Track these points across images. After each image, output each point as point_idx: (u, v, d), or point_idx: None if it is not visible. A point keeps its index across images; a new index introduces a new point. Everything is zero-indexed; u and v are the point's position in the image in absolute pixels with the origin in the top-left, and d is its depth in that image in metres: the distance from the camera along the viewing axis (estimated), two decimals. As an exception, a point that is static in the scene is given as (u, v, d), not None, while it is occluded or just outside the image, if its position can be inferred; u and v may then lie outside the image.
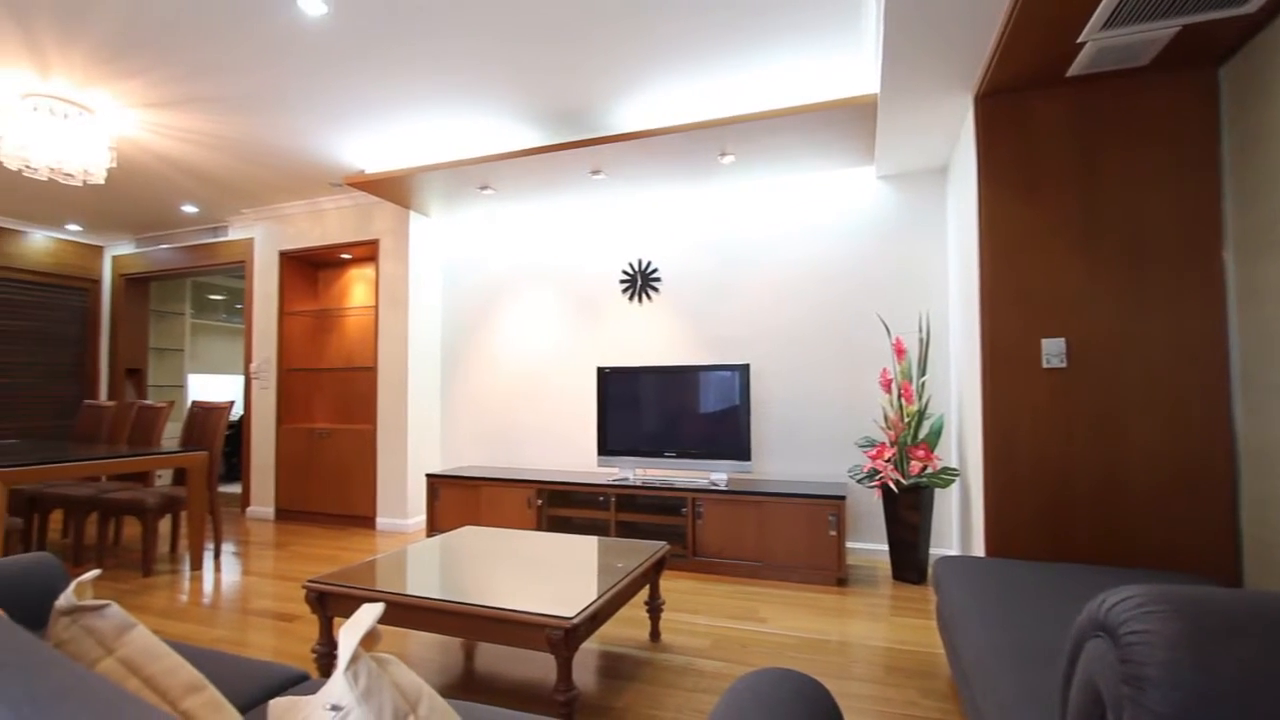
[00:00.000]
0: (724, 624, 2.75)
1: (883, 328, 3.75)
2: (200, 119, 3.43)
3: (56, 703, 0.49)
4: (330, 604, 2.07)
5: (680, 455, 3.79)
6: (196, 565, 3.65)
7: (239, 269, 5.51)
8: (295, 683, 1.42)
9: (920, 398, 3.32)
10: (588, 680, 2.21)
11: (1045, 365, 2.39)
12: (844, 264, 3.85)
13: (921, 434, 3.40)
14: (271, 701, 0.75)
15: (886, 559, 3.69)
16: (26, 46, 2.72)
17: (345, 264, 5.33)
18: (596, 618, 1.90)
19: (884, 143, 3.27)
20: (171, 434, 6.36)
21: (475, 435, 4.82)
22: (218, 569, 3.66)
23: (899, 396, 3.31)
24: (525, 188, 4.16)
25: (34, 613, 1.51)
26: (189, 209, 5.11)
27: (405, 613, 1.95)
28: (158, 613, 2.95)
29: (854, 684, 2.18)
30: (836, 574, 3.26)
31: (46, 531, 4.11)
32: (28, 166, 3.16)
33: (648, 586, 2.54)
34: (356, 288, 5.28)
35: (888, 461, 3.24)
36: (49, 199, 4.85)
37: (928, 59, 2.39)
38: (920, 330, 3.46)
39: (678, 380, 3.85)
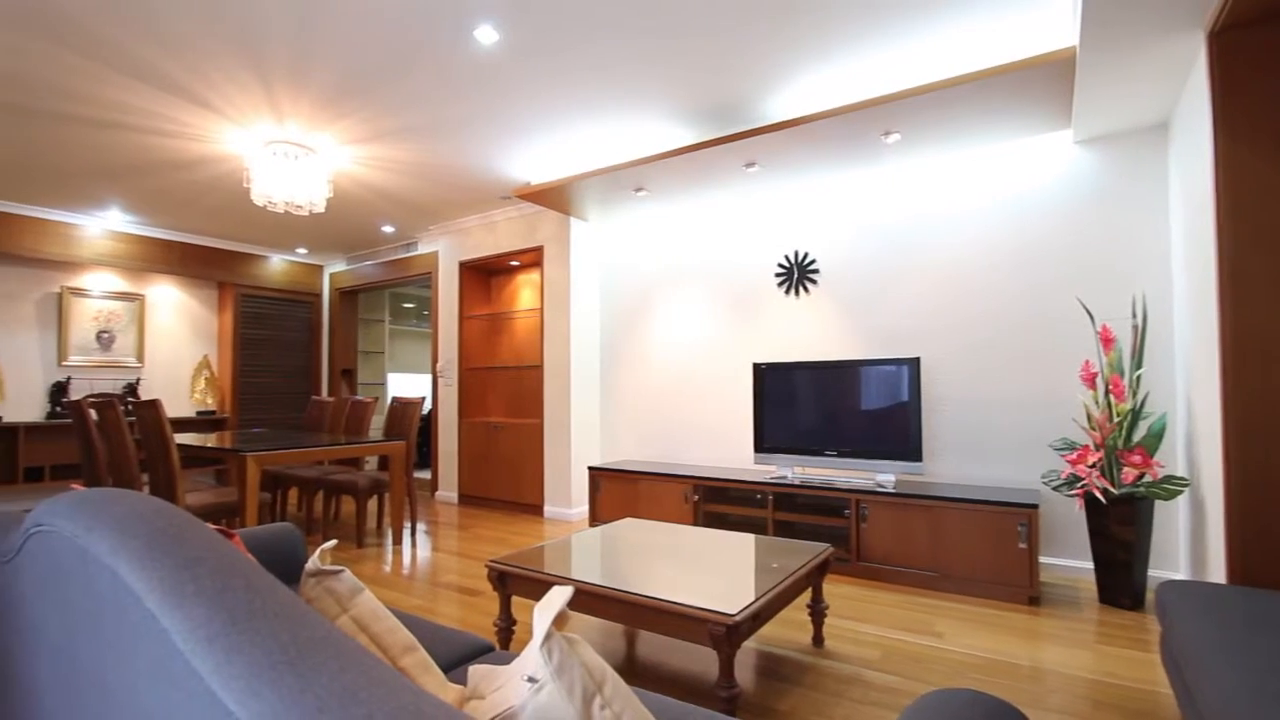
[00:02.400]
0: (894, 635, 2.58)
1: (1084, 314, 3.29)
2: (396, 149, 3.89)
3: (314, 649, 0.57)
4: (509, 583, 2.24)
5: (842, 454, 3.61)
6: (397, 540, 4.16)
7: (426, 279, 6.19)
8: (483, 652, 1.55)
9: (1134, 394, 2.86)
10: (748, 679, 2.19)
11: (1315, 354, 1.94)
12: (1034, 243, 3.43)
13: (1137, 436, 2.93)
14: (471, 667, 0.82)
15: (1091, 578, 3.23)
16: (268, 102, 3.26)
17: (514, 270, 5.77)
18: (758, 617, 1.87)
19: (1084, 102, 2.86)
20: (376, 425, 7.31)
21: (634, 430, 4.98)
22: (413, 545, 4.14)
23: (1106, 393, 2.88)
24: (678, 186, 4.21)
25: (283, 571, 1.81)
26: (387, 229, 5.83)
27: (575, 596, 2.06)
28: (368, 579, 3.40)
29: (1054, 716, 1.94)
30: (1028, 591, 2.92)
31: (286, 506, 4.91)
32: (270, 202, 3.80)
33: (810, 589, 2.45)
34: (524, 292, 5.69)
35: (1092, 467, 2.83)
36: (283, 228, 5.79)
37: (1142, -2, 2.05)
38: (1134, 316, 2.98)
39: (839, 375, 3.67)
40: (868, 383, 3.60)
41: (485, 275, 5.90)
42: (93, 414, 3.62)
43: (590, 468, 4.50)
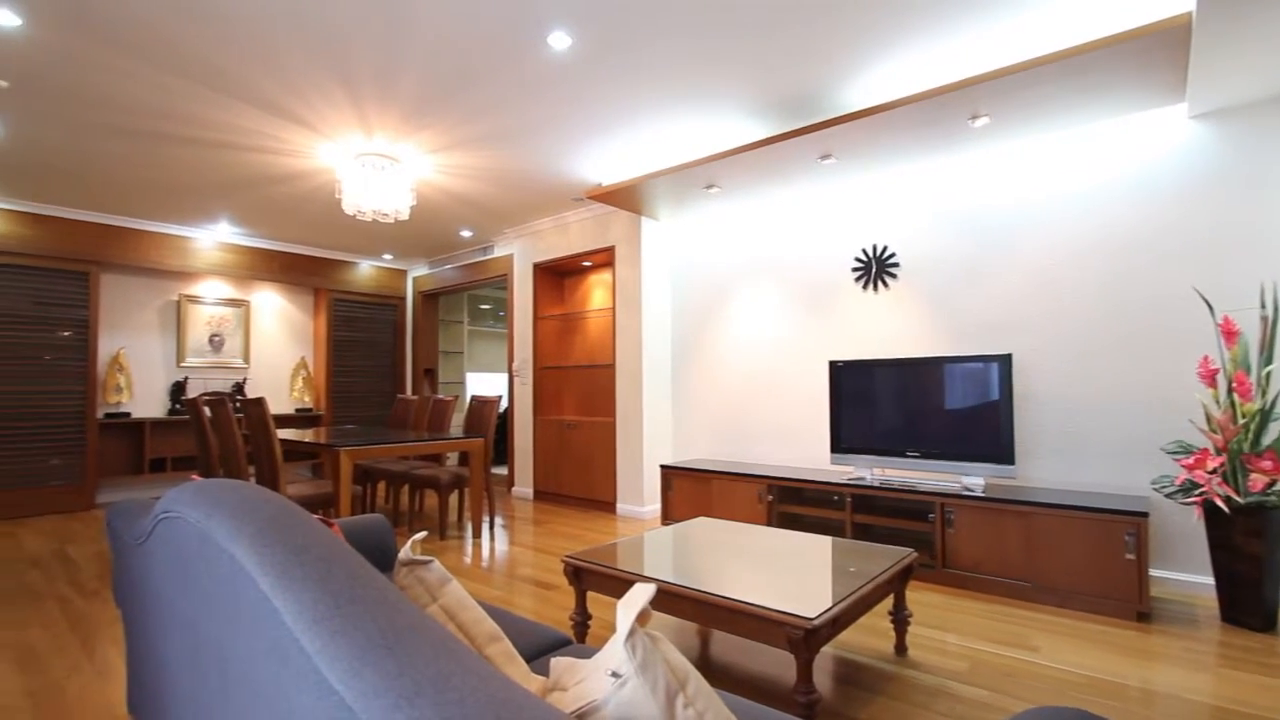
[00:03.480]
0: (983, 647, 2.44)
1: (1201, 305, 3.00)
2: (473, 155, 4.03)
3: (409, 635, 0.60)
4: (585, 578, 2.28)
5: (925, 455, 3.46)
6: (477, 533, 4.31)
7: (502, 281, 6.38)
8: (561, 645, 1.58)
9: (1264, 393, 2.58)
10: (827, 685, 2.13)
11: None
12: (1141, 228, 3.16)
13: (1267, 439, 2.65)
14: (553, 660, 0.84)
15: (1211, 595, 2.95)
16: (357, 117, 3.45)
17: (586, 271, 5.85)
18: (838, 622, 1.82)
19: (1201, 72, 2.61)
20: (456, 423, 7.60)
21: (706, 428, 4.95)
22: (492, 538, 4.28)
23: (1229, 391, 2.61)
24: (750, 182, 4.15)
25: (375, 560, 1.91)
26: (465, 233, 6.05)
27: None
28: (450, 570, 3.54)
29: (1170, 744, 1.78)
30: (1136, 607, 2.70)
31: (375, 498, 5.19)
32: (360, 211, 4.02)
33: (892, 596, 2.36)
34: (596, 292, 5.77)
35: (1213, 473, 2.58)
36: (370, 235, 6.12)
37: (1273, -47, 1.84)
38: (1262, 306, 2.69)
39: (921, 373, 3.51)
40: (953, 380, 3.43)
41: (558, 276, 6.02)
42: (206, 411, 3.95)
43: (662, 466, 4.50)
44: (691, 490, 4.34)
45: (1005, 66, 2.74)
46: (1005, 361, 3.21)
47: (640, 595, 0.65)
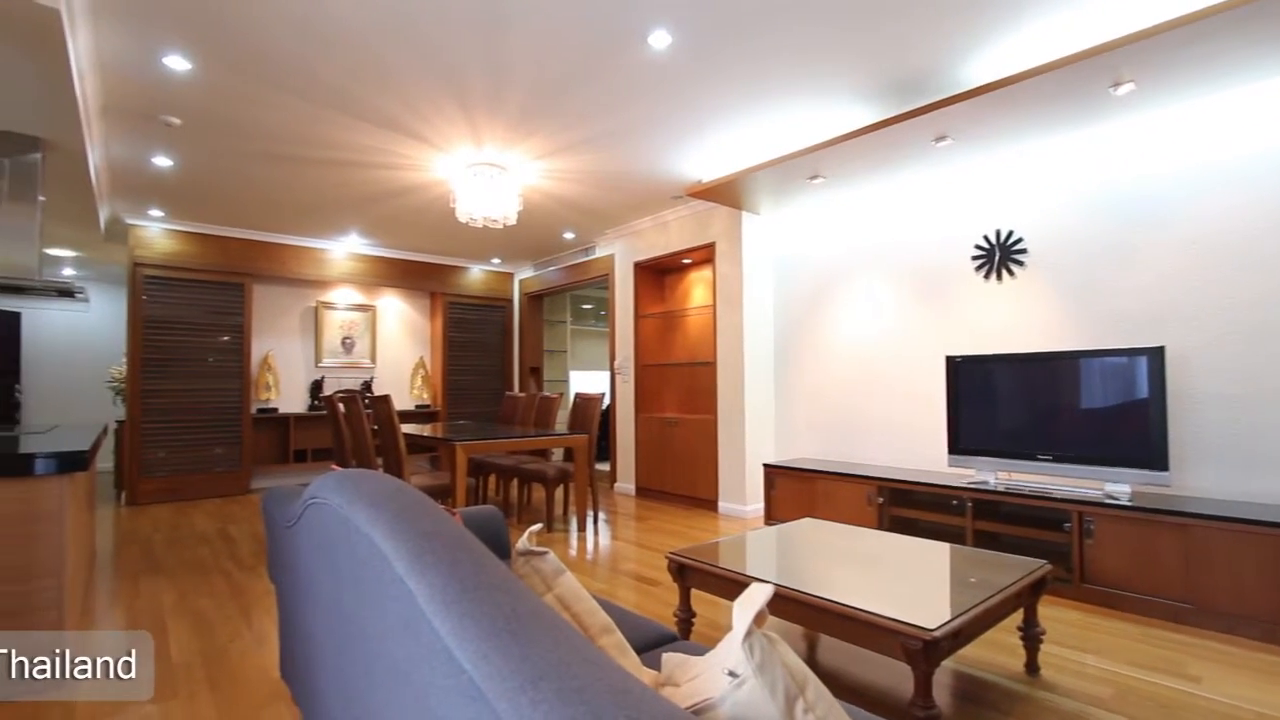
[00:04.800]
0: (1130, 672, 2.20)
1: None
2: (576, 159, 4.14)
3: (530, 621, 0.62)
4: (688, 575, 2.28)
5: (1058, 459, 3.16)
6: (581, 527, 4.43)
7: (603, 281, 6.51)
8: (668, 640, 1.59)
9: None
10: (946, 701, 2.00)
11: None
12: (1330, 201, 2.72)
13: None
14: (665, 655, 0.84)
15: None
16: (469, 129, 3.64)
17: (686, 268, 5.85)
18: (960, 634, 1.71)
19: None
20: (560, 420, 7.82)
21: (810, 426, 4.80)
22: (595, 532, 4.38)
23: None
24: (857, 170, 3.97)
25: (490, 548, 2.01)
26: (568, 235, 6.23)
27: (755, 595, 2.03)
28: (559, 562, 3.66)
29: (1378, 802, 1.52)
30: (1328, 638, 2.32)
31: (486, 490, 5.46)
32: (471, 219, 4.24)
33: (1022, 610, 2.18)
34: (696, 289, 5.75)
35: None
36: (480, 241, 6.44)
37: None
38: None
39: (1054, 369, 3.22)
40: (1091, 377, 3.11)
41: (659, 274, 6.06)
42: (340, 407, 4.32)
43: (765, 465, 4.42)
44: (796, 490, 4.22)
45: (1155, 25, 2.44)
46: (1156, 355, 2.87)
47: (758, 596, 0.64)
